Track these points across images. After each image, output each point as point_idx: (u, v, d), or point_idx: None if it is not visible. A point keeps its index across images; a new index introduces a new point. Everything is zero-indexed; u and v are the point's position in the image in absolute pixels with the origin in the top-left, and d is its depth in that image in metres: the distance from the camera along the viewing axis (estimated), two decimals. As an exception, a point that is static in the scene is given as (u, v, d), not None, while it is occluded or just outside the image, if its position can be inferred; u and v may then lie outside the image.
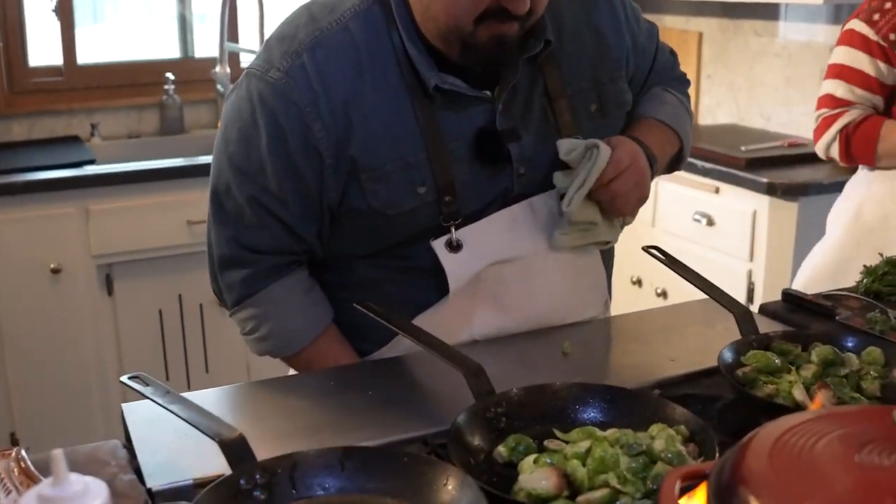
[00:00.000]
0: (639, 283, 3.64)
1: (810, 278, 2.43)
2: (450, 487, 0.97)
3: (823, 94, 2.27)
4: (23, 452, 1.03)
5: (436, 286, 1.47)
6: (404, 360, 1.47)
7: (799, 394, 1.24)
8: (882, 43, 2.14)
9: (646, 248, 1.57)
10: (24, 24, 3.65)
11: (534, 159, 1.49)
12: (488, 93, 1.44)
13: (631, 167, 1.48)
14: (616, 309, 1.73)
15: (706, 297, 1.48)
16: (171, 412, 1.06)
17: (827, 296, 1.73)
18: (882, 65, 2.17)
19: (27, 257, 3.09)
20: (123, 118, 3.78)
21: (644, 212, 1.92)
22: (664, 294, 3.50)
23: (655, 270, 2.38)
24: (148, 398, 1.10)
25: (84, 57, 3.76)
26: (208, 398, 1.35)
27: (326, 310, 1.54)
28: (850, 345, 1.37)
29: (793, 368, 1.31)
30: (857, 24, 2.22)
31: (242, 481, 0.98)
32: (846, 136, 2.23)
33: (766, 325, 1.58)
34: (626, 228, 1.61)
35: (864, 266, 1.81)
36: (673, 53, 1.77)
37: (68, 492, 0.69)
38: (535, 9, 1.35)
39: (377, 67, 1.40)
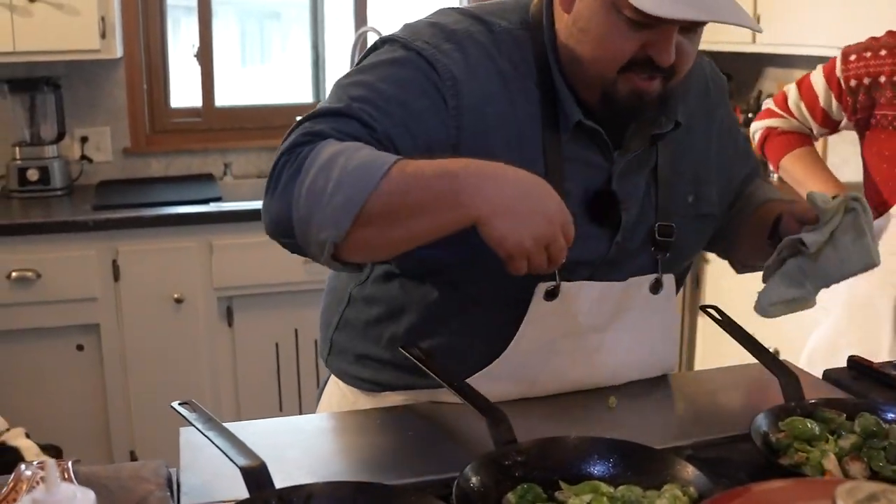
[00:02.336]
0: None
1: (813, 349, 2.44)
2: (447, 529, 1.02)
3: (783, 90, 2.40)
4: (68, 464, 1.13)
5: (499, 339, 1.45)
6: (448, 404, 1.52)
7: (829, 463, 1.23)
8: (842, 83, 2.20)
9: (703, 308, 1.58)
10: (168, 66, 3.91)
11: (630, 233, 1.48)
12: (613, 154, 1.44)
13: None
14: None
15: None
16: (207, 437, 1.15)
17: (896, 365, 1.70)
18: (834, 102, 2.23)
19: (153, 287, 3.29)
20: (255, 158, 3.99)
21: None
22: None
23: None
24: (191, 424, 1.19)
25: (246, 97, 3.99)
26: (277, 426, 1.47)
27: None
28: (893, 416, 1.35)
29: (831, 438, 1.31)
30: (839, 56, 2.26)
31: (252, 508, 1.06)
32: (767, 135, 2.41)
33: (826, 392, 1.58)
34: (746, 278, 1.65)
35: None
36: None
37: (56, 497, 0.79)
38: (678, 67, 1.35)
39: (519, 84, 1.40)
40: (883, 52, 2.16)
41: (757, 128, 2.45)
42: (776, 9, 3.69)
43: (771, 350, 1.53)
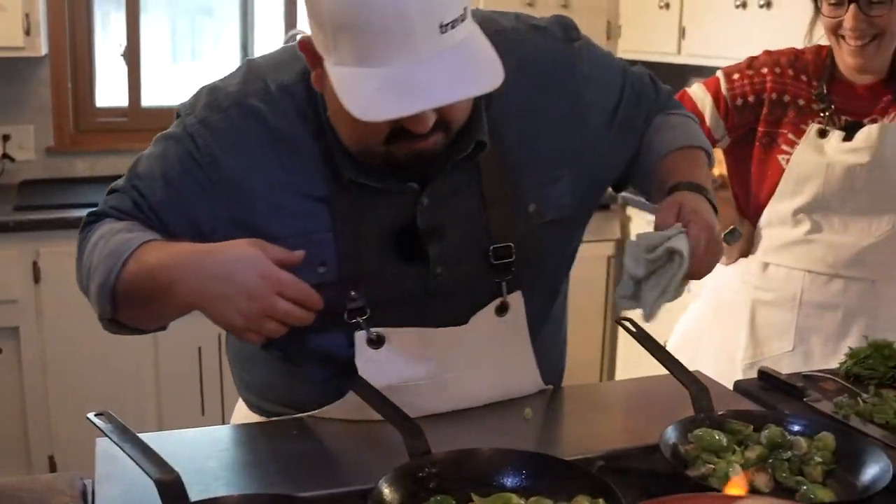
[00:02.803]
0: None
1: (681, 338, 2.49)
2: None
3: None
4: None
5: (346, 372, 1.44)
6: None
7: (734, 474, 1.27)
8: (728, 101, 2.20)
9: (618, 321, 1.61)
10: (94, 63, 3.86)
11: (456, 260, 1.45)
12: (415, 185, 1.40)
13: (709, 242, 1.40)
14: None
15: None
16: (122, 450, 1.16)
17: (806, 376, 1.75)
18: (719, 119, 2.23)
19: (75, 289, 3.23)
20: (182, 159, 3.93)
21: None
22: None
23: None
24: (106, 435, 1.19)
25: (178, 95, 3.94)
26: (195, 437, 1.48)
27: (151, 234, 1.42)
28: (798, 428, 1.40)
29: (738, 449, 1.35)
30: (721, 74, 2.27)
31: (170, 520, 1.07)
32: None
33: (736, 403, 1.62)
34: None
35: (850, 348, 1.83)
36: (653, 79, 1.69)
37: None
38: (451, 120, 1.31)
39: (295, 142, 1.39)
40: (764, 70, 2.22)
41: None
42: (700, 21, 3.78)
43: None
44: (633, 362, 4.03)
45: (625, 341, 4.12)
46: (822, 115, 2.15)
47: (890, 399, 1.57)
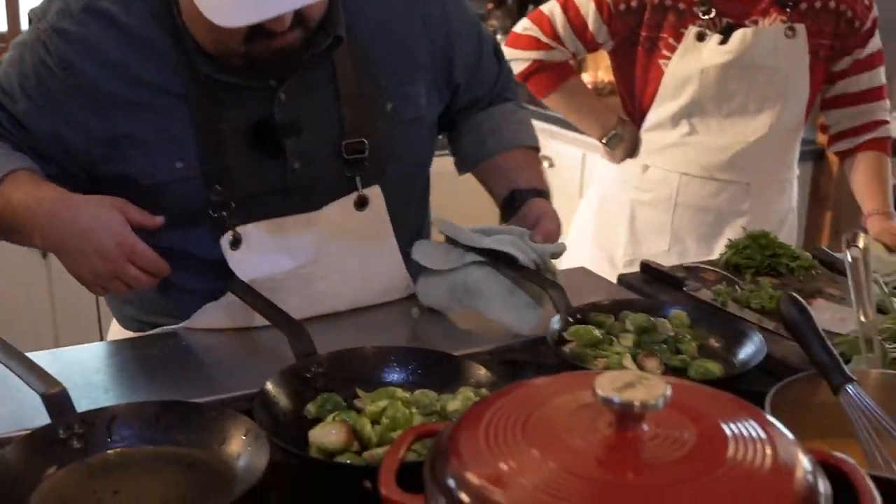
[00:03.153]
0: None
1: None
2: (246, 440, 1.05)
3: (546, 13, 2.29)
4: None
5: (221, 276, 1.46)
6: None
7: (629, 363, 1.31)
8: (611, 6, 2.20)
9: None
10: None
11: (313, 156, 1.47)
12: (273, 82, 1.42)
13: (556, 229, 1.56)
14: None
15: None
16: (8, 367, 1.14)
17: (688, 267, 1.81)
18: (603, 25, 2.23)
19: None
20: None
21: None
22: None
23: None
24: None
25: None
26: (61, 356, 1.45)
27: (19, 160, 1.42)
28: (662, 311, 1.45)
29: (614, 339, 1.39)
30: None
31: (60, 431, 1.06)
32: (537, 67, 2.32)
33: (622, 294, 1.68)
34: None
35: (729, 240, 1.89)
36: (499, 52, 1.79)
37: None
38: (309, 17, 1.33)
39: (150, 42, 1.39)
40: None
41: (520, 57, 2.33)
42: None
43: None
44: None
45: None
46: (702, 17, 2.17)
47: (766, 286, 1.64)
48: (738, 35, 2.13)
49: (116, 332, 1.69)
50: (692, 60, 2.16)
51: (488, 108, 1.74)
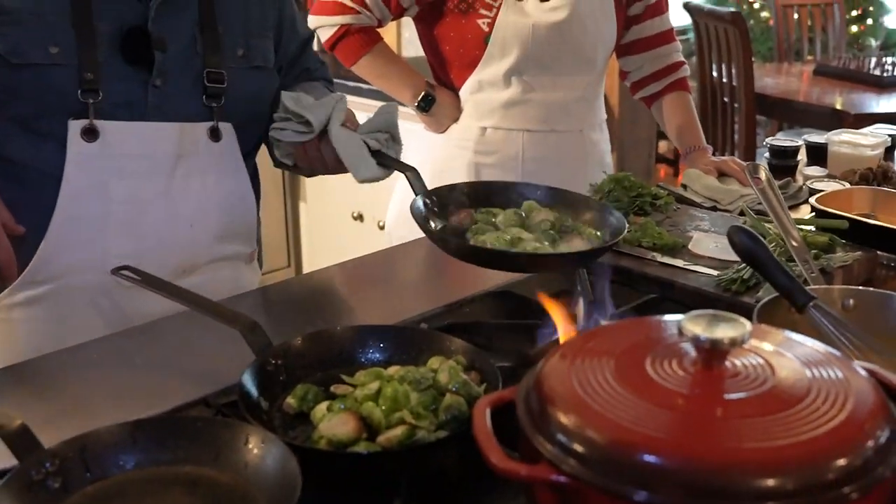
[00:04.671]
0: (360, 217, 3.69)
1: (398, 216, 2.47)
2: (251, 446, 0.96)
3: None
4: None
5: (54, 196, 1.46)
6: (164, 322, 1.42)
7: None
8: None
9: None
10: None
11: (173, 78, 1.52)
12: None
13: None
14: (341, 245, 1.77)
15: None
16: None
17: (560, 216, 1.83)
18: None
19: None
20: None
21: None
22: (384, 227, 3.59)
23: (376, 204, 2.44)
24: None
25: None
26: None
27: None
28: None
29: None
30: None
31: (33, 472, 0.92)
32: (344, 33, 2.29)
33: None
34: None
35: (590, 185, 1.93)
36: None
37: None
38: None
39: None
40: None
41: (327, 23, 2.29)
42: None
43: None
44: (319, 243, 4.05)
45: (308, 222, 4.11)
46: None
47: (650, 224, 1.68)
48: None
49: None
50: (518, 17, 2.17)
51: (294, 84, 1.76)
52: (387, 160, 1.51)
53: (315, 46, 1.89)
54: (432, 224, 1.36)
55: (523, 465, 0.78)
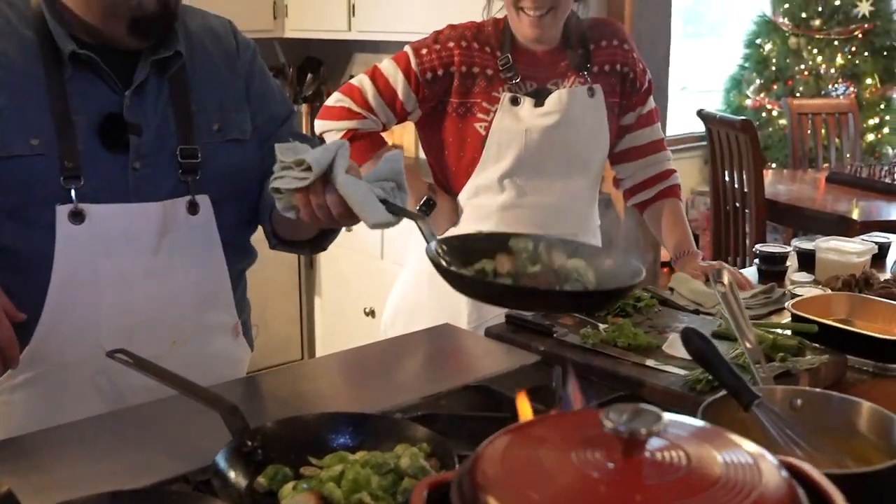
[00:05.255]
0: (371, 313, 3.79)
1: (394, 313, 2.54)
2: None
3: (357, 85, 2.39)
4: None
5: (46, 280, 1.55)
6: (154, 405, 1.51)
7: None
8: (418, 76, 2.33)
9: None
10: None
11: (151, 158, 1.62)
12: (119, 85, 1.60)
13: None
14: (353, 339, 1.84)
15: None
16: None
17: (546, 315, 1.92)
18: (411, 93, 2.34)
19: None
20: None
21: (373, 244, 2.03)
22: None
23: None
24: None
25: None
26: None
27: None
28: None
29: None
30: (409, 49, 2.37)
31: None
32: (351, 138, 2.35)
33: (489, 347, 1.76)
34: (348, 262, 1.73)
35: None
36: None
37: None
38: None
39: (14, 33, 1.56)
40: (451, 44, 2.32)
41: (333, 128, 2.39)
42: (369, -1, 3.90)
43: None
44: (332, 337, 4.14)
45: (322, 317, 4.21)
46: (510, 82, 2.31)
47: (626, 325, 1.76)
48: (553, 97, 2.29)
49: None
50: (512, 122, 2.28)
51: None
52: (394, 208, 1.48)
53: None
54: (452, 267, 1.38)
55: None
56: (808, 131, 5.83)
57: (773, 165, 6.21)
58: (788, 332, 1.74)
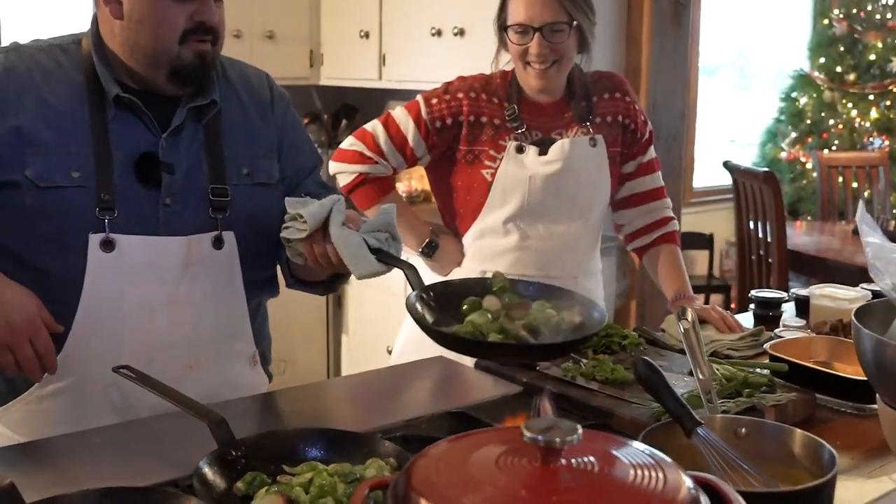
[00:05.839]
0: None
1: (403, 348, 2.61)
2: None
3: (370, 130, 2.50)
4: None
5: (76, 301, 1.68)
6: (160, 418, 1.65)
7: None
8: (428, 124, 2.44)
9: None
10: None
11: (181, 196, 1.75)
12: (157, 128, 1.73)
13: None
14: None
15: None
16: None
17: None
18: (421, 140, 2.45)
19: None
20: None
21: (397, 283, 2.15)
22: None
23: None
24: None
25: None
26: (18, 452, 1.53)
27: None
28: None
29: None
30: (420, 99, 2.49)
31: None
32: (362, 180, 2.49)
33: (479, 378, 1.87)
34: (373, 301, 1.85)
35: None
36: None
37: None
38: (220, 30, 1.74)
39: (63, 77, 1.72)
40: (460, 95, 2.45)
41: (346, 170, 2.51)
42: (400, 48, 4.07)
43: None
44: (355, 364, 4.26)
45: (348, 354, 4.34)
46: (516, 132, 2.43)
47: (606, 361, 1.87)
48: (557, 146, 2.40)
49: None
50: (518, 169, 2.40)
51: None
52: (386, 257, 1.63)
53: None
54: (428, 317, 1.56)
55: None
56: (839, 183, 5.89)
57: (809, 218, 6.25)
58: (761, 371, 1.83)
